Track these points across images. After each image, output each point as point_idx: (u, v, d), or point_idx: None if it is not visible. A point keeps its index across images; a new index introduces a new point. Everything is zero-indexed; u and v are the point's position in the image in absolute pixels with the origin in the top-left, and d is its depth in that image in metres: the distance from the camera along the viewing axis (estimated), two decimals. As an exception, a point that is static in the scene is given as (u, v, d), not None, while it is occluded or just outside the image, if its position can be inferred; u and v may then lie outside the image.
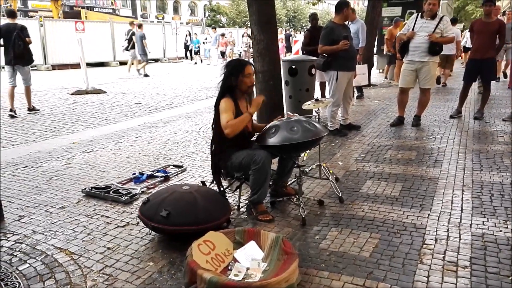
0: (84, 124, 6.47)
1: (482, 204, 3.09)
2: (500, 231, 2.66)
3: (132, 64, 14.38)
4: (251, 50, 19.15)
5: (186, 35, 22.34)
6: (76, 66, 11.33)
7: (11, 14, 6.97)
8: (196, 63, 20.58)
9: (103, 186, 3.54)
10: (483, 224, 2.76)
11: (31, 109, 7.31)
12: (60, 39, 16.31)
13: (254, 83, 3.07)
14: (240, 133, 2.96)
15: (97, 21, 20.10)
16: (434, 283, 2.14)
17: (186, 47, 22.52)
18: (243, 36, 20.04)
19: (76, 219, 3.01)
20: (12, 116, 6.82)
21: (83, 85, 9.73)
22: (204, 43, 21.18)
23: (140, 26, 13.98)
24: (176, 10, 44.12)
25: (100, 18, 21.57)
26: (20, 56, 6.73)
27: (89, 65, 14.07)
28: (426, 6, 5.32)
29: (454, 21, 10.44)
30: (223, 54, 19.97)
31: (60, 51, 16.28)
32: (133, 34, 13.81)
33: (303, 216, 2.86)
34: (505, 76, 10.29)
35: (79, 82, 10.20)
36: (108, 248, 2.59)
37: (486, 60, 5.84)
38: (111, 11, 29.28)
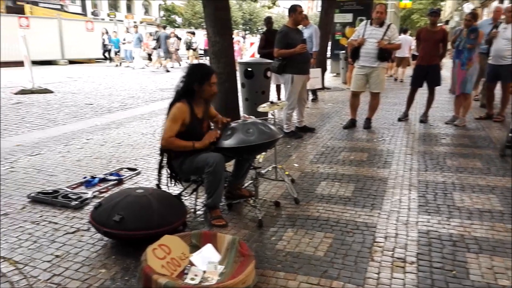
0: (29, 125, 6.10)
1: (427, 202, 3.27)
2: (444, 228, 2.83)
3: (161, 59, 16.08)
4: (178, 52, 18.26)
5: (103, 33, 18.90)
6: (20, 64, 10.65)
7: None
8: (117, 65, 17.99)
9: (50, 191, 3.36)
10: (428, 222, 2.92)
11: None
12: (1, 35, 15.32)
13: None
14: (195, 136, 2.92)
15: (43, 17, 19.08)
16: (384, 279, 2.24)
17: (104, 46, 19.21)
18: (170, 37, 16.59)
19: (21, 226, 2.84)
20: None
21: (28, 84, 9.19)
22: (123, 43, 18.01)
23: (164, 27, 17.12)
24: (129, 8, 42.83)
25: (46, 14, 20.44)
26: None
27: (35, 63, 13.34)
28: (374, 14, 5.56)
29: (405, 31, 13.00)
30: (149, 56, 17.60)
31: (1, 48, 15.29)
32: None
33: (260, 218, 2.89)
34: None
35: (23, 81, 9.62)
36: (57, 256, 2.46)
37: (431, 67, 6.19)
38: (58, 7, 27.84)
